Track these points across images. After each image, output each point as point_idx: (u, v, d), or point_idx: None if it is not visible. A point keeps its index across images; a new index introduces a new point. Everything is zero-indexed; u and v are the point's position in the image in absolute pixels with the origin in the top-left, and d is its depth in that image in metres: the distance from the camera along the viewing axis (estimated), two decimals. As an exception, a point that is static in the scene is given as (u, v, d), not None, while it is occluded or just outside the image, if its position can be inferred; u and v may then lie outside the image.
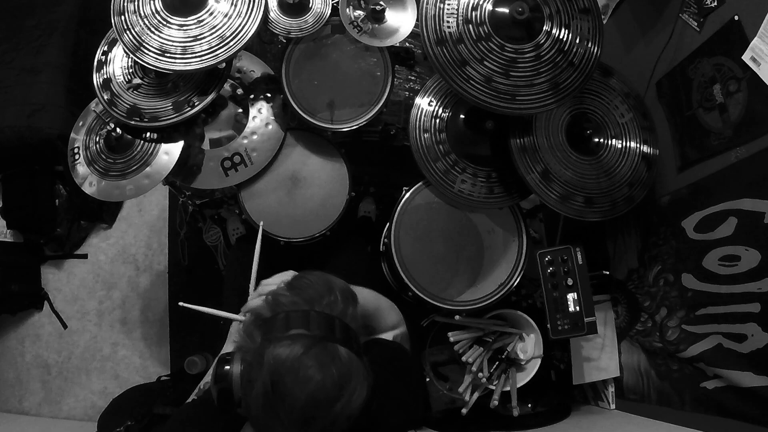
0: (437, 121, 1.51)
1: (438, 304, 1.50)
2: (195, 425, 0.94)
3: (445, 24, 1.25)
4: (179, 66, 1.31)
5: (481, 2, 1.26)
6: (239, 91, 1.57)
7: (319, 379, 0.72)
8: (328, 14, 1.47)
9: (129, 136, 1.44)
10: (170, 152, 1.44)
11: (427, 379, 1.78)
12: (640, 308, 1.61)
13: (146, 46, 1.32)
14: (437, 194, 1.56)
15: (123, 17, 1.33)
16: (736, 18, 1.22)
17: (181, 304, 1.14)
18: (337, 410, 0.73)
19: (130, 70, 1.44)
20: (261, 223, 1.28)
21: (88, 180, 1.46)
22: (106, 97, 1.42)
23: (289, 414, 0.73)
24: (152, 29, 1.33)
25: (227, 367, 0.77)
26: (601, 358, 1.73)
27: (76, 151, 1.50)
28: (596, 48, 1.29)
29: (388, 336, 1.12)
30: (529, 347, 1.71)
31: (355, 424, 0.78)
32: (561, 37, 1.27)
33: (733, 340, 1.23)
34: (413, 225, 1.55)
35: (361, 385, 0.76)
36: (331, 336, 0.77)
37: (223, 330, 1.18)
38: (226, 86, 1.54)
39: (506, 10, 1.24)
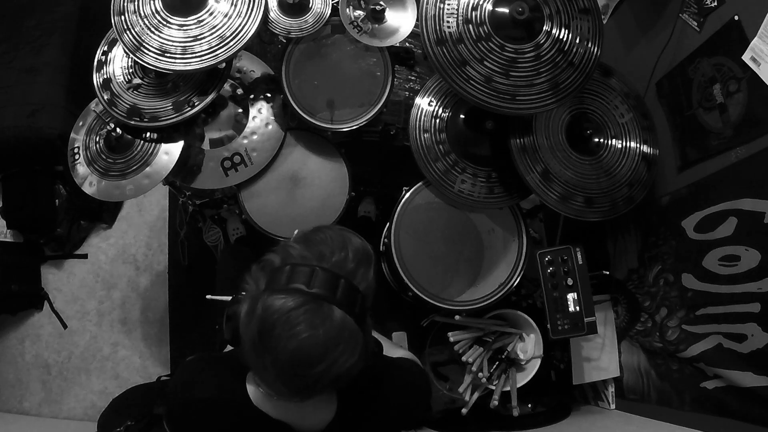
0: (437, 121, 1.51)
1: (438, 304, 1.50)
2: (215, 365, 0.97)
3: (445, 24, 1.25)
4: (179, 66, 1.31)
5: (481, 2, 1.26)
6: (239, 91, 1.57)
7: (305, 337, 0.72)
8: (328, 14, 1.47)
9: (129, 136, 1.44)
10: (170, 152, 1.44)
11: (427, 380, 1.78)
12: (640, 308, 1.61)
13: (146, 46, 1.32)
14: (437, 194, 1.56)
15: (123, 17, 1.33)
16: (736, 18, 1.22)
17: (208, 296, 1.17)
18: (318, 371, 0.74)
19: (130, 70, 1.44)
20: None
21: (88, 180, 1.46)
22: (106, 97, 1.42)
23: (273, 364, 0.74)
24: (152, 29, 1.33)
25: (236, 306, 0.80)
26: (601, 358, 1.73)
27: (76, 151, 1.50)
28: (596, 48, 1.29)
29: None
30: (529, 347, 1.70)
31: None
32: (561, 37, 1.27)
33: (733, 340, 1.23)
34: (413, 225, 1.55)
35: (351, 350, 0.75)
36: (331, 296, 0.75)
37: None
38: (226, 86, 1.54)
39: (506, 10, 1.24)
